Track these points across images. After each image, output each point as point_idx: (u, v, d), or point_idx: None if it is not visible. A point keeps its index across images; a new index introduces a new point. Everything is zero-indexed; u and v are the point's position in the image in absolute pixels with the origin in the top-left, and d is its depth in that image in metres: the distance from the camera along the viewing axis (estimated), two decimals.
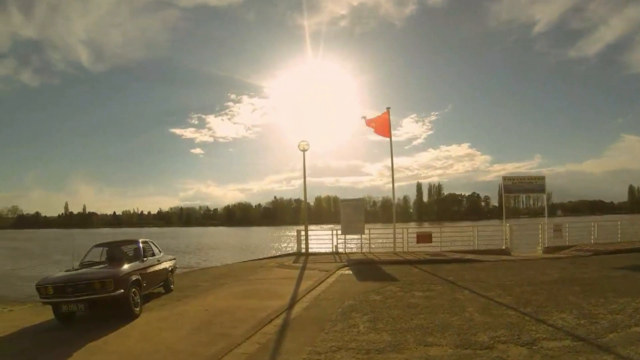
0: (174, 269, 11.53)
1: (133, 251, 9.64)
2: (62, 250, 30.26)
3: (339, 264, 13.90)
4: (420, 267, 13.03)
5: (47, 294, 7.55)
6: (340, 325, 6.44)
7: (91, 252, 9.66)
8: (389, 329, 6.05)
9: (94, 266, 8.79)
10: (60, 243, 46.43)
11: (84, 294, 7.39)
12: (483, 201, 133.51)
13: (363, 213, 18.45)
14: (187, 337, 6.33)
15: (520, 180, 19.24)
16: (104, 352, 5.89)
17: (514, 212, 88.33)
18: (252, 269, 14.44)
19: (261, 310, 7.70)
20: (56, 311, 7.72)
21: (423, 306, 7.50)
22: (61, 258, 24.42)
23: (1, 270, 24.59)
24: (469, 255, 15.51)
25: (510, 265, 12.88)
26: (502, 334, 5.46)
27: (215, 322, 7.12)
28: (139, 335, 6.69)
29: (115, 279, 7.56)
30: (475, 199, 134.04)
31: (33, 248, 44.08)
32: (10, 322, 8.36)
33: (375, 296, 8.59)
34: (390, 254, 16.74)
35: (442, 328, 5.95)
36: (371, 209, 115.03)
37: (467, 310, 7.02)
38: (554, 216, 64.71)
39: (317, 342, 5.62)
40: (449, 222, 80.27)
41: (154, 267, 9.62)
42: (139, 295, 8.23)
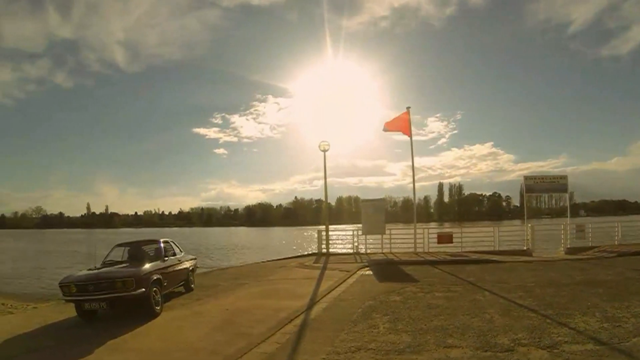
0: (195, 268, 11.60)
1: (154, 251, 9.70)
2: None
3: (360, 264, 13.85)
4: (441, 267, 12.89)
5: (70, 292, 7.68)
6: (360, 325, 6.41)
7: (113, 252, 9.77)
8: (409, 330, 6.00)
9: (116, 265, 8.88)
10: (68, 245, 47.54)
11: (105, 292, 7.49)
12: (504, 201, 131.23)
13: (384, 213, 18.34)
14: (207, 336, 6.37)
15: (542, 179, 18.76)
16: (124, 349, 5.96)
17: (535, 212, 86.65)
18: (273, 269, 14.51)
19: (281, 310, 7.72)
20: (78, 309, 7.84)
21: (443, 307, 7.41)
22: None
23: (25, 269, 25.19)
24: (489, 256, 15.24)
25: (532, 267, 12.62)
26: (523, 337, 5.35)
27: (235, 321, 7.15)
28: (159, 333, 6.78)
29: (137, 278, 7.63)
30: (496, 199, 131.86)
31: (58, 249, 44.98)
32: (34, 319, 8.56)
33: (396, 297, 8.53)
34: (410, 254, 16.60)
35: (462, 329, 5.87)
36: (392, 209, 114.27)
37: (487, 311, 6.91)
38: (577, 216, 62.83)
39: (336, 342, 5.60)
40: (470, 222, 79.04)
41: (174, 266, 9.69)
42: (159, 294, 8.32)
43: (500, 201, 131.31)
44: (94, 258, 9.72)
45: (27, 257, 35.55)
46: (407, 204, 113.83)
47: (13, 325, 8.14)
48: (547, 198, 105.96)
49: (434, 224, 74.88)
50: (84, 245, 45.68)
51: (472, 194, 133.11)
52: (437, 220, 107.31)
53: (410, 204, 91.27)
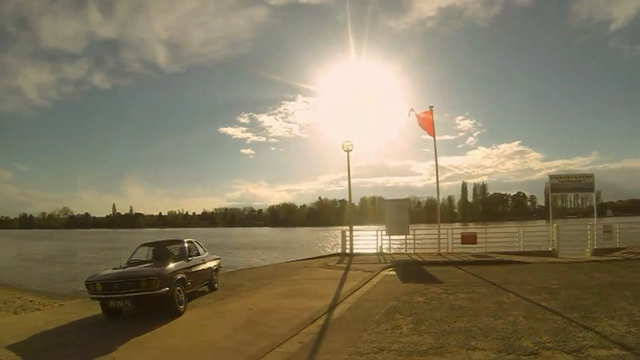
0: (219, 268, 11.63)
1: (178, 250, 9.72)
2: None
3: (383, 265, 13.77)
4: (465, 268, 12.70)
5: (95, 290, 7.79)
6: (383, 326, 6.37)
7: (138, 251, 9.88)
8: (431, 331, 5.93)
9: (141, 265, 8.94)
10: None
11: (130, 291, 7.56)
12: (529, 201, 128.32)
13: (407, 213, 18.14)
14: (230, 335, 6.39)
15: (567, 178, 18.15)
16: (148, 347, 6.02)
17: (561, 212, 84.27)
18: (296, 269, 14.55)
19: (304, 310, 7.71)
20: (104, 307, 7.96)
21: (467, 309, 7.29)
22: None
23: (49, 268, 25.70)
24: (514, 256, 14.96)
25: (557, 268, 12.27)
26: (547, 340, 5.21)
27: (259, 321, 7.17)
28: (182, 332, 6.82)
29: (161, 277, 7.67)
30: (520, 198, 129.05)
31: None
32: (61, 316, 8.76)
33: (419, 297, 8.44)
34: (434, 254, 16.41)
35: (486, 332, 5.76)
36: (415, 209, 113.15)
37: (511, 313, 6.76)
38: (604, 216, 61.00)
39: (359, 342, 5.57)
40: (494, 222, 77.51)
41: (198, 266, 9.72)
42: (183, 293, 8.35)
43: (524, 201, 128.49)
44: (119, 257, 9.85)
45: (55, 256, 36.46)
46: (431, 204, 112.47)
47: (40, 321, 8.31)
48: (572, 197, 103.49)
49: (457, 224, 73.80)
50: (109, 244, 46.75)
51: (496, 194, 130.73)
52: (461, 221, 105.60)
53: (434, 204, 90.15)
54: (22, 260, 30.88)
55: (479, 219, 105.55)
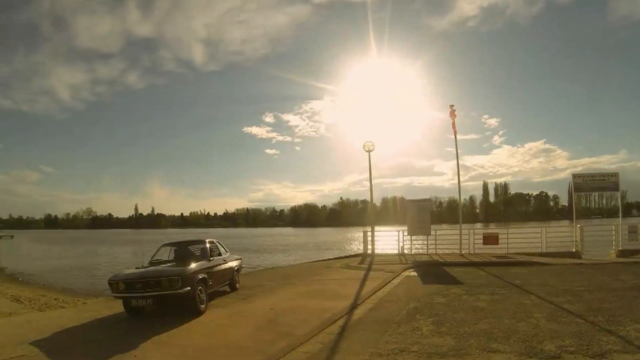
0: (240, 268, 11.58)
1: (200, 250, 9.71)
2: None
3: (405, 266, 13.64)
4: (486, 269, 12.48)
5: (118, 289, 7.83)
6: (403, 327, 6.30)
7: (160, 251, 9.94)
8: (452, 333, 5.84)
9: (163, 264, 8.97)
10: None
11: (152, 290, 7.58)
12: (552, 200, 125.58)
13: (429, 213, 17.86)
14: (251, 335, 6.36)
15: (591, 177, 17.54)
16: (169, 345, 6.05)
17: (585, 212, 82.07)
18: (318, 270, 14.50)
19: (325, 311, 7.65)
20: (126, 305, 8.00)
21: (488, 310, 7.16)
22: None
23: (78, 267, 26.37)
24: (536, 258, 14.65)
25: (581, 270, 11.93)
26: (570, 344, 5.06)
27: (280, 321, 7.12)
28: (203, 331, 6.82)
29: (183, 277, 7.66)
30: (543, 198, 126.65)
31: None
32: (84, 314, 8.88)
33: (440, 299, 8.34)
34: (456, 255, 16.17)
35: (507, 334, 5.64)
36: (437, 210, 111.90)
37: (533, 316, 6.61)
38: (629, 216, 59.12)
39: (379, 343, 5.52)
40: (516, 222, 75.88)
41: (220, 266, 9.69)
42: (204, 292, 8.31)
43: (547, 201, 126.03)
44: (141, 257, 9.96)
45: (80, 255, 37.29)
46: (453, 204, 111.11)
47: (64, 319, 8.46)
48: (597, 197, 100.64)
49: (479, 225, 72.72)
50: (132, 245, 47.59)
51: (519, 194, 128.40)
52: (483, 221, 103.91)
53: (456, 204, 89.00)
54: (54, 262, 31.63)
55: (501, 219, 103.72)
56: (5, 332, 7.18)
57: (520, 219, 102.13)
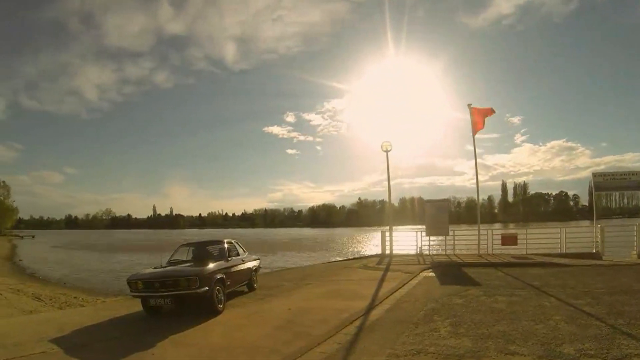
0: (258, 268, 11.52)
1: (218, 251, 9.68)
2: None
3: (423, 266, 13.51)
4: (505, 270, 12.26)
5: (136, 288, 7.86)
6: (421, 328, 6.24)
7: (178, 251, 9.93)
8: (470, 334, 5.75)
9: (181, 264, 8.94)
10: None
11: (170, 289, 7.57)
12: (571, 200, 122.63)
13: (447, 214, 17.65)
14: (268, 335, 6.33)
15: (612, 176, 16.94)
16: (186, 344, 6.06)
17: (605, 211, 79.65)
18: (336, 270, 14.44)
19: (343, 311, 7.58)
20: (144, 304, 8.03)
21: (506, 312, 7.03)
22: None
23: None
24: (555, 259, 14.30)
25: (601, 271, 11.62)
26: (590, 347, 4.93)
27: (297, 321, 7.08)
28: (221, 330, 6.81)
29: (201, 277, 7.64)
30: (563, 198, 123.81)
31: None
32: (103, 312, 8.98)
33: (458, 300, 8.22)
34: (474, 256, 15.96)
35: (525, 336, 5.53)
36: (455, 210, 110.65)
37: (552, 318, 6.45)
38: None
39: (397, 344, 5.47)
40: (535, 222, 74.31)
41: (238, 266, 9.65)
42: (222, 292, 8.27)
43: (567, 200, 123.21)
44: (159, 257, 9.97)
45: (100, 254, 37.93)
46: (471, 204, 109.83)
47: (83, 317, 8.57)
48: (618, 196, 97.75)
49: (498, 225, 71.41)
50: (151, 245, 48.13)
51: (538, 193, 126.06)
52: (502, 221, 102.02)
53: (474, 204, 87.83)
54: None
55: (520, 220, 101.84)
56: (26, 330, 7.30)
57: (540, 219, 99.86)
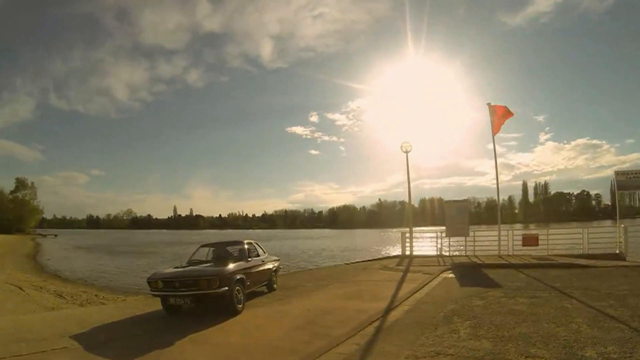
0: (278, 269, 11.47)
1: (238, 251, 9.59)
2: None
3: (443, 267, 13.33)
4: (526, 271, 11.99)
5: (157, 287, 7.87)
6: (440, 330, 6.13)
7: (199, 251, 9.94)
8: (490, 337, 5.62)
9: (201, 264, 8.91)
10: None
11: (190, 289, 7.56)
12: (594, 200, 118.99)
13: (467, 214, 17.36)
14: (287, 335, 6.28)
15: (635, 174, 16.26)
16: (205, 343, 6.05)
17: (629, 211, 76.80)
18: (355, 271, 14.35)
19: (362, 312, 7.50)
20: (164, 303, 8.02)
21: (527, 314, 6.85)
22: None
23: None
24: (578, 260, 13.88)
25: (625, 273, 11.21)
26: (613, 351, 4.76)
27: (316, 322, 7.02)
28: (240, 330, 6.78)
29: (220, 277, 7.61)
30: (584, 197, 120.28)
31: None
32: (123, 310, 9.06)
33: (478, 301, 8.06)
34: (494, 257, 15.64)
35: (546, 339, 5.37)
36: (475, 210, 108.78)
37: (574, 320, 6.26)
38: None
39: (416, 346, 5.39)
40: (557, 223, 72.33)
41: (258, 267, 9.61)
42: (242, 293, 8.23)
43: (589, 200, 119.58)
44: (179, 257, 10.07)
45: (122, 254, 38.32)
46: (491, 204, 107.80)
47: (104, 314, 8.62)
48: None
49: (518, 226, 69.84)
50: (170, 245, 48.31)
51: (559, 193, 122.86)
52: (522, 222, 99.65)
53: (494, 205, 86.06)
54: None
55: (541, 220, 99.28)
56: (48, 325, 7.39)
57: (561, 219, 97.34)
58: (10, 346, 5.81)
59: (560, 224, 55.52)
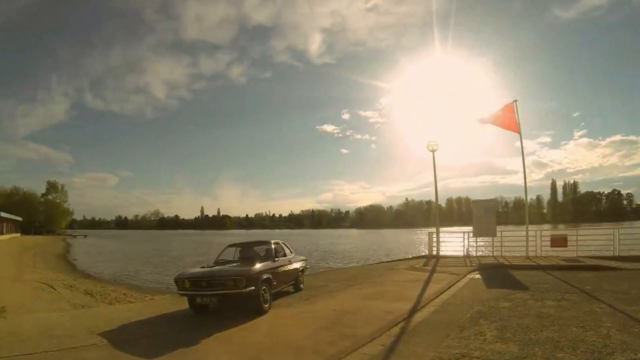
0: (305, 269, 11.35)
1: (265, 251, 9.54)
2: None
3: (469, 268, 13.07)
4: (554, 273, 11.61)
5: (184, 286, 7.87)
6: (466, 331, 6.03)
7: (225, 251, 9.91)
8: (516, 340, 5.49)
9: (228, 264, 8.88)
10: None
11: (217, 289, 7.51)
12: (625, 199, 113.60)
13: (495, 214, 16.84)
14: (312, 335, 6.23)
15: None
16: (231, 342, 6.04)
17: None
18: (382, 271, 14.21)
19: (388, 312, 7.41)
20: (191, 302, 8.01)
21: (555, 317, 6.64)
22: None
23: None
24: (608, 261, 13.35)
25: None
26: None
27: (342, 322, 6.94)
28: (266, 330, 6.74)
29: (247, 277, 7.53)
30: (615, 197, 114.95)
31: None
32: (151, 309, 9.11)
33: (505, 303, 7.87)
34: (522, 258, 15.23)
35: (574, 343, 5.20)
36: (503, 210, 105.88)
37: (603, 325, 6.03)
38: None
39: (441, 347, 5.31)
40: (586, 223, 69.43)
41: (284, 267, 9.50)
42: (268, 292, 8.13)
43: (620, 200, 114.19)
44: (206, 257, 9.97)
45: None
46: (519, 204, 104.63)
47: (132, 313, 8.68)
48: None
49: (547, 226, 67.38)
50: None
51: (589, 192, 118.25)
52: (551, 222, 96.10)
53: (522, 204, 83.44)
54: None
55: (570, 220, 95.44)
56: (77, 323, 7.54)
57: (591, 219, 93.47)
58: (42, 342, 6.00)
59: (589, 225, 53.28)
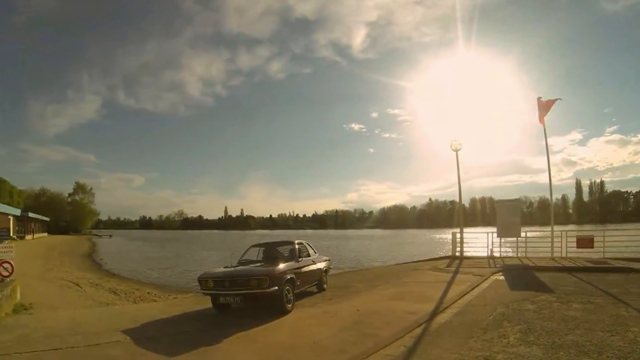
0: (328, 269, 11.22)
1: (289, 251, 9.39)
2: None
3: (493, 269, 12.80)
4: (580, 275, 11.25)
5: (207, 286, 7.85)
6: (489, 334, 5.92)
7: (249, 252, 9.85)
8: (540, 343, 5.36)
9: (251, 264, 8.80)
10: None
11: (240, 288, 7.45)
12: None
13: (519, 214, 16.35)
14: (335, 335, 6.17)
15: None
16: (254, 342, 6.00)
17: None
18: (405, 272, 14.01)
19: (411, 313, 7.32)
20: (214, 302, 7.98)
21: (580, 320, 6.44)
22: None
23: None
24: (636, 264, 12.81)
25: None
26: None
27: (365, 322, 6.87)
28: (288, 330, 6.67)
29: (271, 276, 7.43)
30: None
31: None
32: (174, 308, 9.15)
33: (529, 305, 7.68)
34: (547, 259, 14.79)
35: (600, 348, 5.04)
36: (527, 210, 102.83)
37: (630, 329, 5.81)
38: None
39: (463, 349, 5.23)
40: (613, 223, 66.50)
41: (308, 267, 9.36)
42: (292, 292, 8.03)
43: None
44: (230, 257, 9.90)
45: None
46: (544, 204, 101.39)
47: (155, 311, 8.74)
48: None
49: (572, 226, 64.99)
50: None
51: (616, 192, 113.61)
52: (576, 222, 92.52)
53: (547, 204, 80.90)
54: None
55: (596, 220, 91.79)
56: (102, 320, 7.70)
57: (618, 219, 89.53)
58: (67, 338, 6.17)
59: (617, 225, 51.05)
